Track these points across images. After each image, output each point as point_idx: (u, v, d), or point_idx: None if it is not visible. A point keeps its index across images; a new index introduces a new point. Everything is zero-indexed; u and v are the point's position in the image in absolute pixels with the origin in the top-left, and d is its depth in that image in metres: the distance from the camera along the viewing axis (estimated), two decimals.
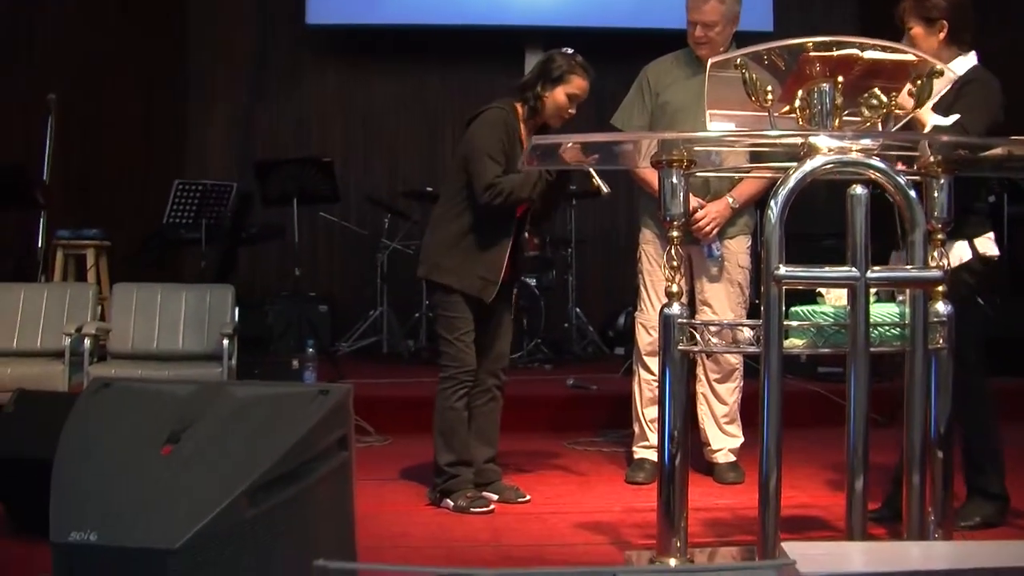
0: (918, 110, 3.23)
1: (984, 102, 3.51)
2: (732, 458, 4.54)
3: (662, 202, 3.07)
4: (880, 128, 3.07)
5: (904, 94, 3.10)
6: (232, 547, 2.27)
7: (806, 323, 3.05)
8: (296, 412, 2.49)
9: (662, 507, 3.05)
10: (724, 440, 4.55)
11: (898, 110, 3.10)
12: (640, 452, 4.56)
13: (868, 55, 2.96)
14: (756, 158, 3.76)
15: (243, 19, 8.79)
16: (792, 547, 2.34)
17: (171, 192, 6.90)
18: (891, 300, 3.19)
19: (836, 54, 2.94)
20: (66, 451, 2.42)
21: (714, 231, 4.37)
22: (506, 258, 4.03)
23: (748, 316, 4.38)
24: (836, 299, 3.11)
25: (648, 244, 4.55)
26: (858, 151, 2.89)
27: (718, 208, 4.37)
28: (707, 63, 3.23)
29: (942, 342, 3.02)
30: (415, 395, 5.71)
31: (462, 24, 8.45)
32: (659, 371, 3.10)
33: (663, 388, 3.05)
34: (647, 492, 4.08)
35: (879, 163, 2.89)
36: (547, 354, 7.44)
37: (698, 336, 3.03)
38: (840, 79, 2.95)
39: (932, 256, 3.01)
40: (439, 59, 8.75)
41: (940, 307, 3.03)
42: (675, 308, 3.02)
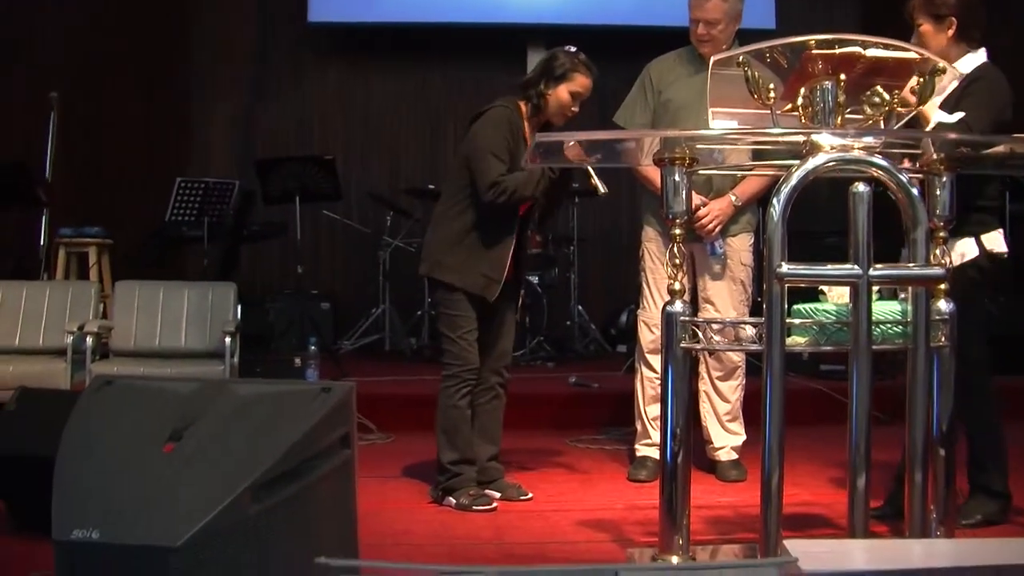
0: (923, 107, 3.23)
1: (989, 100, 3.50)
2: (734, 456, 4.55)
3: (664, 200, 3.06)
4: (882, 126, 3.06)
5: (907, 91, 3.10)
6: (234, 545, 2.27)
7: (808, 321, 3.05)
8: (298, 410, 2.49)
9: (664, 505, 3.05)
10: (726, 438, 4.55)
11: (901, 108, 3.10)
12: (642, 450, 4.56)
13: (870, 53, 2.95)
14: (758, 156, 3.75)
15: (244, 17, 8.78)
16: (794, 545, 2.34)
17: (173, 190, 6.92)
18: (893, 298, 3.19)
19: (838, 52, 2.93)
20: (68, 449, 2.42)
21: (717, 229, 4.37)
22: (509, 256, 4.03)
23: (750, 314, 4.39)
24: (838, 297, 3.11)
25: (650, 242, 4.54)
26: (860, 149, 2.88)
27: (721, 206, 4.37)
28: (710, 61, 3.23)
29: (944, 340, 3.02)
30: (417, 393, 5.71)
31: (464, 22, 8.45)
32: (661, 369, 3.09)
33: (665, 386, 3.05)
34: (649, 490, 4.08)
35: (881, 161, 2.89)
36: (549, 352, 7.44)
37: (700, 334, 3.03)
38: (842, 77, 2.94)
39: (934, 254, 3.01)
40: (441, 57, 8.74)
41: (942, 305, 3.03)
42: (677, 306, 3.02)
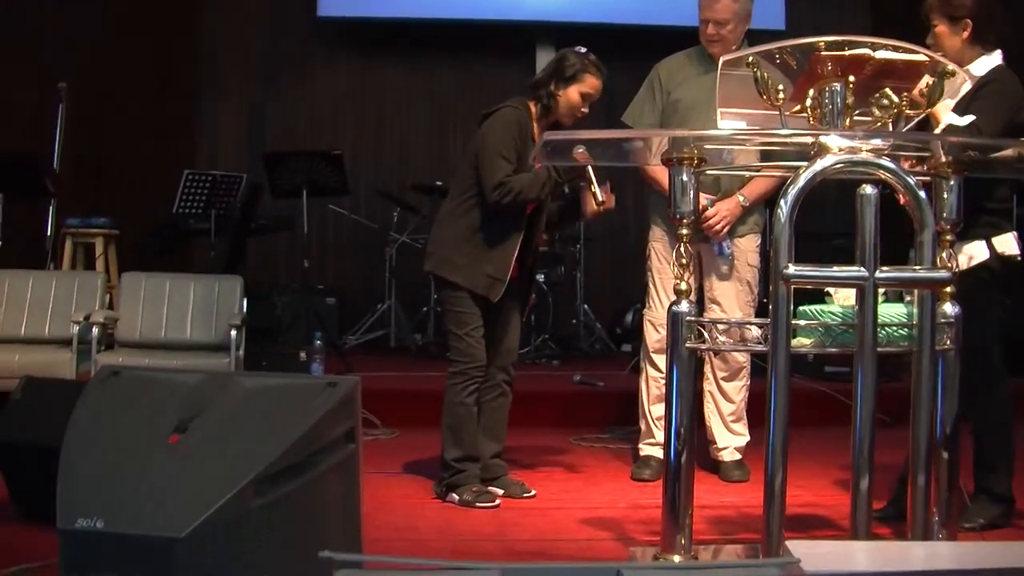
0: (936, 109, 3.22)
1: (1000, 103, 3.49)
2: (738, 456, 4.55)
3: (672, 200, 3.06)
4: (891, 128, 3.06)
5: (916, 93, 3.09)
6: (238, 537, 2.27)
7: (814, 322, 3.05)
8: (304, 404, 2.49)
9: (667, 504, 3.04)
10: (730, 438, 4.55)
11: (910, 110, 3.09)
12: (646, 449, 4.56)
13: (880, 55, 2.95)
14: (767, 157, 3.75)
15: (255, 11, 8.80)
16: (796, 546, 2.33)
17: (181, 182, 6.92)
18: (899, 300, 3.19)
19: (848, 54, 2.93)
20: (74, 438, 2.43)
21: (725, 229, 4.37)
22: (514, 256, 4.03)
23: (756, 315, 4.38)
24: (844, 299, 3.11)
25: (657, 242, 4.54)
26: (868, 151, 2.88)
27: (729, 206, 4.37)
28: (719, 61, 3.22)
29: (949, 343, 3.02)
30: (422, 389, 5.72)
31: (473, 19, 8.47)
32: (666, 368, 3.09)
33: (670, 385, 3.04)
34: (652, 489, 4.09)
35: (889, 163, 2.88)
36: (554, 350, 7.45)
37: (706, 334, 3.02)
38: (851, 79, 2.94)
39: (941, 257, 3.01)
40: (450, 53, 8.75)
41: (948, 308, 3.02)
42: (683, 306, 3.02)
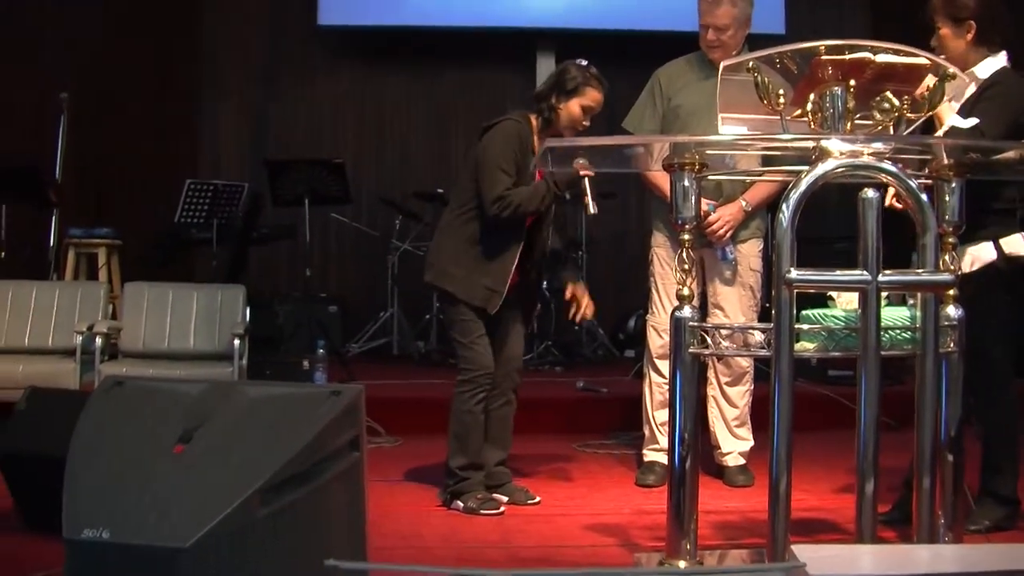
0: (939, 111, 3.22)
1: (1004, 106, 3.48)
2: (742, 461, 4.54)
3: (674, 205, 3.06)
4: (892, 131, 3.06)
5: (918, 95, 3.09)
6: (243, 546, 2.28)
7: (817, 326, 3.05)
8: (308, 413, 2.50)
9: (672, 509, 3.04)
10: (734, 443, 4.55)
11: (911, 113, 3.09)
12: (650, 455, 4.56)
13: (880, 58, 2.95)
14: (768, 161, 3.75)
15: (255, 19, 8.79)
16: (802, 550, 2.34)
17: (183, 192, 6.93)
18: (902, 304, 3.19)
19: (848, 57, 2.93)
20: (79, 449, 2.43)
21: (728, 234, 4.38)
22: (513, 268, 4.02)
23: (759, 319, 4.38)
24: (847, 303, 3.10)
25: (660, 247, 4.54)
26: (870, 155, 2.88)
27: (731, 211, 4.37)
28: (719, 66, 3.22)
29: (953, 346, 3.02)
30: (425, 396, 5.73)
31: (473, 26, 8.45)
32: (670, 374, 3.10)
33: (674, 391, 3.05)
34: (657, 495, 4.08)
35: (891, 167, 2.88)
36: (557, 356, 7.43)
37: (709, 339, 3.02)
38: (852, 82, 2.95)
39: (943, 260, 3.00)
40: (451, 61, 8.74)
41: (951, 311, 3.02)
42: (686, 311, 3.02)
